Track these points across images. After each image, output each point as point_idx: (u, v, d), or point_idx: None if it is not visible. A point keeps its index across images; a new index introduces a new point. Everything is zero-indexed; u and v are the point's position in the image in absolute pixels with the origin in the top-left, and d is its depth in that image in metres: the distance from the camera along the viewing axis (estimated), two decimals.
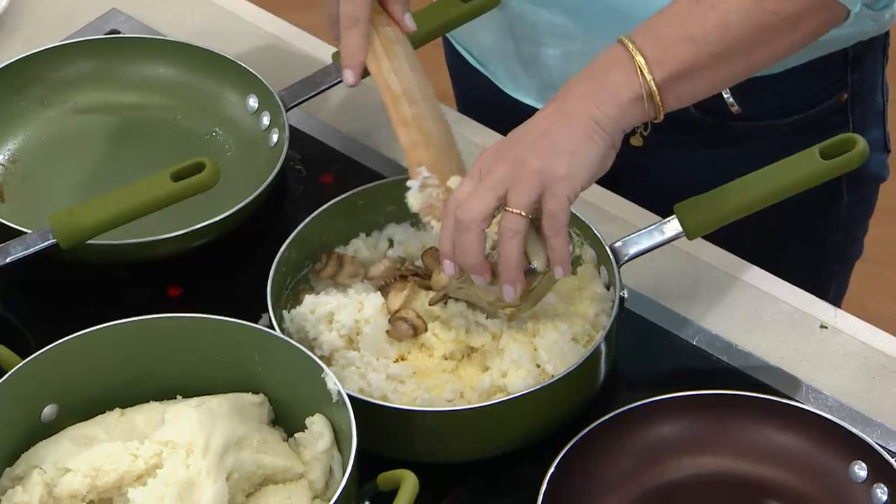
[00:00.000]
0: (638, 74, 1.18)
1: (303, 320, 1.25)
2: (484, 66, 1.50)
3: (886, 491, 1.17)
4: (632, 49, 1.19)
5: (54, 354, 1.18)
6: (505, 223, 1.16)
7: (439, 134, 1.28)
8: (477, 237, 1.16)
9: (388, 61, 1.28)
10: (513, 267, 1.16)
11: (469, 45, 1.51)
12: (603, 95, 1.18)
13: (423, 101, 1.28)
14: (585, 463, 1.20)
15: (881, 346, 1.30)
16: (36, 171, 1.41)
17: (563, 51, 1.41)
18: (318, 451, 1.17)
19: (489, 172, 1.17)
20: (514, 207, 1.15)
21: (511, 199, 1.16)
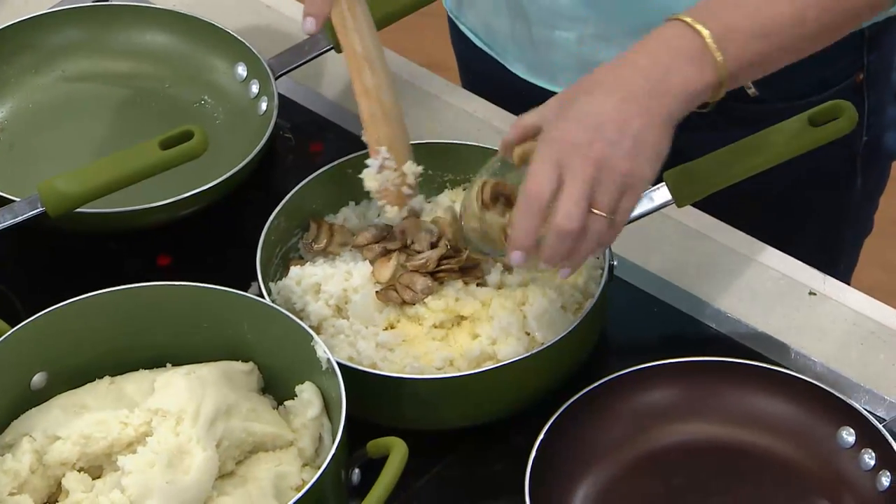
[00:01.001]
0: (714, 69, 1.15)
1: (289, 292, 1.25)
2: (491, 47, 1.48)
3: (874, 456, 1.18)
4: (710, 43, 1.15)
5: (43, 322, 1.18)
6: (592, 225, 1.13)
7: (396, 108, 1.28)
8: (574, 242, 1.14)
9: (353, 20, 1.28)
10: (580, 262, 1.15)
11: (476, 27, 1.49)
12: (677, 89, 1.15)
13: (382, 71, 1.28)
14: (575, 430, 1.20)
15: (869, 312, 1.30)
16: (24, 140, 1.41)
17: (577, 34, 1.40)
18: (307, 418, 1.17)
19: (573, 172, 1.12)
20: (602, 210, 1.13)
21: (598, 201, 1.13)
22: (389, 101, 1.28)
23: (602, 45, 1.39)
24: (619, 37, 1.37)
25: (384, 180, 1.26)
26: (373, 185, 1.26)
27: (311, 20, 1.27)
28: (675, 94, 1.15)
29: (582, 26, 1.39)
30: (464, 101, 1.46)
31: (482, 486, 1.22)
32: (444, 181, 1.35)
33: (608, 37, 1.38)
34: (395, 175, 1.27)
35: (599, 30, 1.38)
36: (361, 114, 1.28)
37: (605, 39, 1.39)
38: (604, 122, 1.13)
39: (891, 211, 1.85)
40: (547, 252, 1.14)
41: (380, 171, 1.27)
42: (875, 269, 2.08)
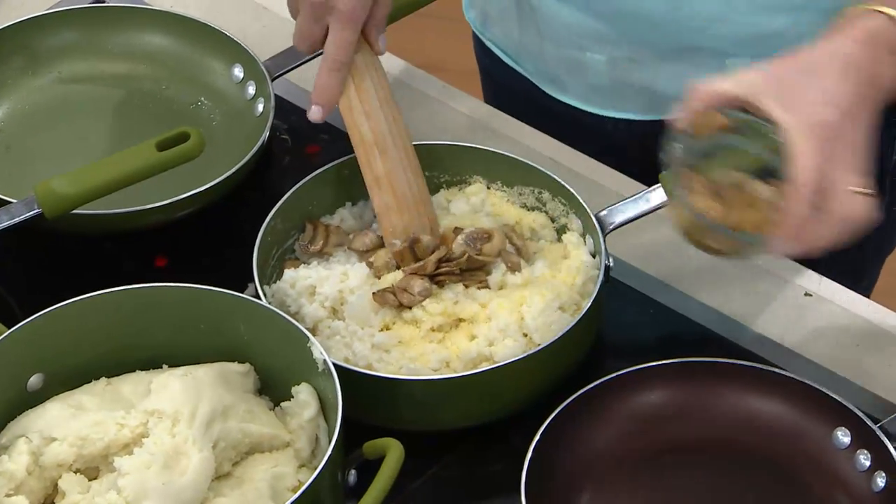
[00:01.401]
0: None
1: (284, 295, 1.25)
2: (518, 63, 1.47)
3: (869, 457, 1.18)
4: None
5: (40, 324, 1.18)
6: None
7: (413, 190, 1.27)
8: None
9: (360, 103, 1.27)
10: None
11: (502, 43, 1.48)
12: (887, 82, 1.13)
13: (395, 148, 1.27)
14: (571, 431, 1.20)
15: (865, 313, 1.31)
16: (21, 141, 1.41)
17: (607, 56, 1.39)
18: (304, 419, 1.18)
19: (839, 158, 1.10)
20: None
21: None
22: (404, 185, 1.27)
23: (634, 66, 1.38)
24: (650, 60, 1.37)
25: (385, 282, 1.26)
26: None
27: (319, 110, 1.27)
28: (885, 88, 1.13)
29: (612, 49, 1.38)
30: (460, 102, 1.47)
31: (479, 486, 1.22)
32: (440, 182, 1.35)
33: (639, 59, 1.38)
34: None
35: (630, 52, 1.38)
36: (374, 205, 1.28)
37: (637, 62, 1.38)
38: (845, 106, 1.10)
39: None
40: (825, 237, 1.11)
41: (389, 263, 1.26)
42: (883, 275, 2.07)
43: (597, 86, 1.42)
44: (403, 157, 1.28)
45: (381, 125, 1.27)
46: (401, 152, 1.28)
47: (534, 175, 1.32)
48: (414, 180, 1.28)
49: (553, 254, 1.30)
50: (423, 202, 1.28)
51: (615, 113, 1.42)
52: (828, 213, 1.11)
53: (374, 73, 1.28)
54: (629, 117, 1.41)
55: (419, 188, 1.28)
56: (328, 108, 1.27)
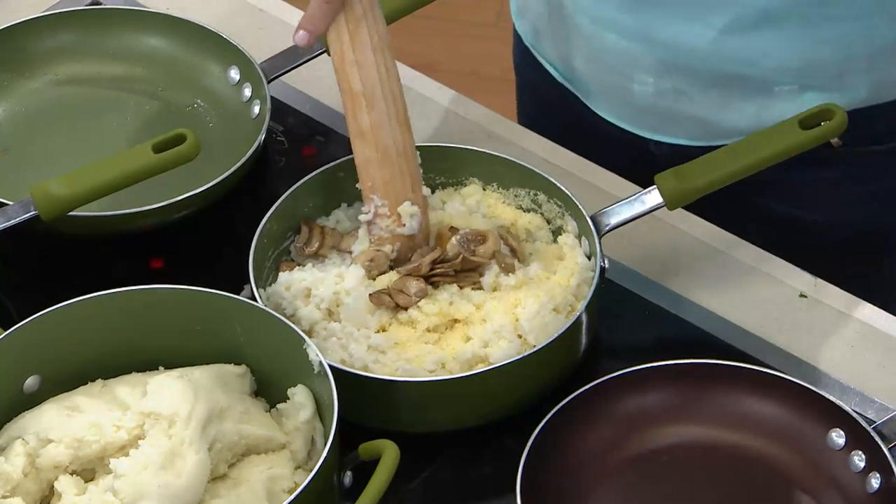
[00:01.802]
0: None
1: (279, 298, 1.25)
2: (571, 82, 1.46)
3: (864, 458, 1.18)
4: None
5: (36, 326, 1.19)
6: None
7: (398, 144, 1.26)
8: None
9: (353, 51, 1.24)
10: None
11: (554, 60, 1.47)
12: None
13: (384, 100, 1.25)
14: (566, 432, 1.20)
15: (859, 315, 1.31)
16: (17, 143, 1.41)
17: (654, 88, 1.38)
18: (300, 421, 1.18)
19: None
20: None
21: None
22: (390, 140, 1.25)
23: (681, 96, 1.38)
24: (698, 93, 1.37)
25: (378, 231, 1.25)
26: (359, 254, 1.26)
27: (304, 35, 1.25)
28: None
29: (658, 78, 1.38)
30: (455, 104, 1.47)
31: (474, 488, 1.23)
32: (436, 183, 1.35)
33: (686, 91, 1.37)
34: (389, 221, 1.26)
35: (676, 83, 1.37)
36: (355, 158, 1.26)
37: (684, 94, 1.37)
38: None
39: None
40: None
41: (373, 222, 1.26)
42: None
43: (644, 109, 1.41)
44: (392, 110, 1.25)
45: (372, 75, 1.24)
46: (389, 105, 1.25)
47: (529, 177, 1.33)
48: (400, 135, 1.25)
49: (548, 255, 1.30)
50: (406, 158, 1.26)
51: (663, 137, 1.41)
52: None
53: (370, 20, 1.25)
54: (677, 143, 1.41)
55: (404, 143, 1.26)
56: (314, 36, 1.24)
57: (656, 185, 1.27)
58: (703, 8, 1.31)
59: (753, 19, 1.31)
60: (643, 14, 1.34)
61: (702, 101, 1.36)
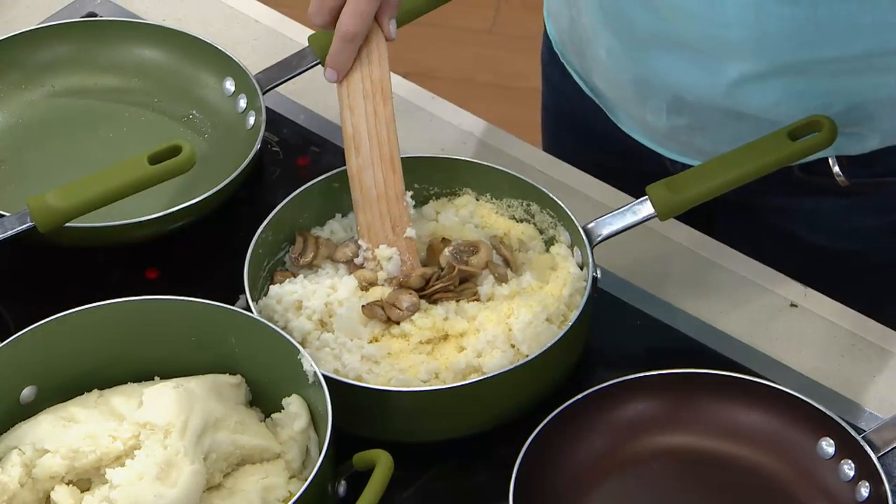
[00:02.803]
0: None
1: (271, 311, 1.26)
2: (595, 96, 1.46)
3: (853, 467, 1.19)
4: None
5: (33, 336, 1.20)
6: None
7: (380, 187, 1.28)
8: None
9: (347, 96, 1.28)
10: None
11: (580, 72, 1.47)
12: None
13: (370, 145, 1.28)
14: (559, 441, 1.21)
15: (849, 324, 1.32)
16: (14, 155, 1.42)
17: (668, 123, 1.38)
18: (294, 431, 1.19)
19: None
20: None
21: None
22: (370, 182, 1.28)
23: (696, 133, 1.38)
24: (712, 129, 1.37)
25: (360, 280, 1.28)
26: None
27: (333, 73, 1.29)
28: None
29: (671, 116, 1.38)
30: (450, 114, 1.48)
31: (467, 497, 1.23)
32: (429, 194, 1.36)
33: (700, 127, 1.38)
34: (373, 264, 1.28)
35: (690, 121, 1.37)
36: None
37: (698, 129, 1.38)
38: None
39: None
40: None
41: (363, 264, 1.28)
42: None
43: (662, 134, 1.41)
44: (377, 153, 1.28)
45: (361, 121, 1.28)
46: (374, 148, 1.28)
47: (522, 187, 1.34)
48: (382, 177, 1.28)
49: (541, 265, 1.31)
50: (388, 200, 1.28)
51: (679, 158, 1.42)
52: None
53: (366, 64, 1.29)
54: (692, 163, 1.41)
55: (387, 186, 1.28)
56: (342, 74, 1.29)
57: (648, 195, 1.28)
58: (715, 60, 1.31)
59: (766, 73, 1.30)
60: (654, 61, 1.34)
61: (716, 136, 1.37)
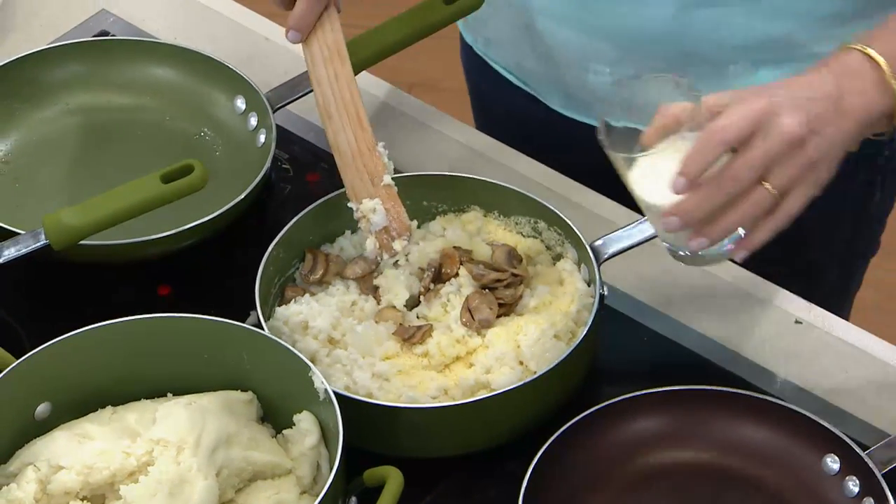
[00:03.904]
0: (891, 97, 1.16)
1: (278, 332, 1.27)
2: (528, 84, 1.49)
3: (858, 483, 1.20)
4: (885, 68, 1.16)
5: (48, 354, 1.21)
6: (753, 196, 1.13)
7: (352, 146, 1.30)
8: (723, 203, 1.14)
9: (312, 66, 1.31)
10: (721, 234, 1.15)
11: (508, 65, 1.51)
12: (859, 112, 1.16)
13: (338, 109, 1.30)
14: (567, 457, 1.22)
15: (854, 340, 1.33)
16: (28, 172, 1.43)
17: (612, 76, 1.41)
18: (305, 447, 1.20)
19: (767, 136, 1.11)
20: (774, 188, 1.13)
21: (773, 176, 1.13)
22: (344, 144, 1.30)
23: (640, 85, 1.40)
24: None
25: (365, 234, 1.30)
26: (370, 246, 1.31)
27: (295, 34, 1.30)
28: (856, 118, 1.16)
29: (616, 67, 1.40)
30: (455, 130, 1.48)
31: None
32: (437, 211, 1.37)
33: (647, 78, 1.39)
34: (364, 222, 1.30)
35: (634, 69, 1.40)
36: None
37: (644, 80, 1.40)
38: (807, 112, 1.13)
39: None
40: (697, 197, 1.12)
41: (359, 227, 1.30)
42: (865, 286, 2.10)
43: (601, 99, 1.42)
44: (345, 115, 1.31)
45: (326, 89, 1.31)
46: (342, 111, 1.31)
47: (530, 205, 1.35)
48: (354, 135, 1.31)
49: (549, 280, 1.32)
50: (362, 156, 1.31)
51: (624, 124, 1.44)
52: (713, 177, 1.12)
53: (321, 33, 1.31)
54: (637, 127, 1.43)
55: (359, 143, 1.31)
56: (305, 34, 1.30)
57: None
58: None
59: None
60: (599, 4, 1.36)
61: None
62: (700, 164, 1.12)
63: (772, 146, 1.12)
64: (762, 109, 1.12)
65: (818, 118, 1.14)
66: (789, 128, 1.12)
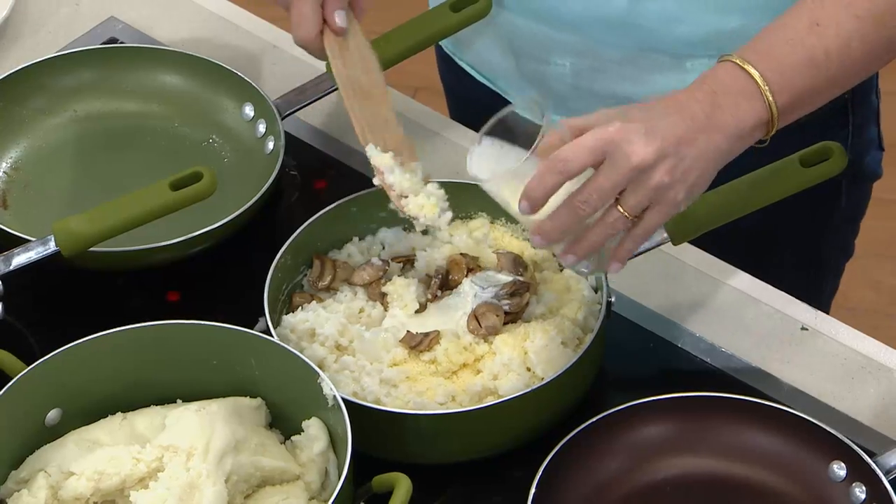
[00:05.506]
0: (765, 106, 1.18)
1: (285, 340, 1.28)
2: (493, 82, 1.51)
3: (864, 490, 1.20)
4: (758, 79, 1.18)
5: (58, 361, 1.21)
6: (608, 218, 1.16)
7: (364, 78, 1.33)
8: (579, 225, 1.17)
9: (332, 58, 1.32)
10: (585, 251, 1.18)
11: (474, 62, 1.52)
12: (729, 126, 1.17)
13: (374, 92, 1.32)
14: (574, 463, 1.23)
15: (860, 347, 1.33)
16: (38, 179, 1.44)
17: (570, 67, 1.42)
18: (314, 453, 1.20)
19: (613, 164, 1.14)
20: (625, 211, 1.16)
21: (625, 201, 1.16)
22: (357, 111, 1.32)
23: (596, 73, 1.41)
24: (612, 65, 1.40)
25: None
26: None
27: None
28: (727, 132, 1.17)
29: (574, 57, 1.41)
30: (462, 136, 1.49)
31: None
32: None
33: (601, 66, 1.41)
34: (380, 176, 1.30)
35: (592, 59, 1.41)
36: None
37: (599, 69, 1.41)
38: (661, 135, 1.15)
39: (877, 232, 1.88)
40: (552, 220, 1.16)
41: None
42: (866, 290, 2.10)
43: (562, 95, 1.44)
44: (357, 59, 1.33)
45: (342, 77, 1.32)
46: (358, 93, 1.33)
47: None
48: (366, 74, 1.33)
49: (556, 286, 1.33)
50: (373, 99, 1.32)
51: None
52: (567, 200, 1.15)
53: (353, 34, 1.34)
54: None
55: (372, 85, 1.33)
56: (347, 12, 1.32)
57: None
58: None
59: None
60: None
61: (616, 76, 1.39)
62: (540, 191, 1.16)
63: (618, 174, 1.15)
64: (608, 139, 1.15)
65: (676, 140, 1.15)
66: (636, 156, 1.14)
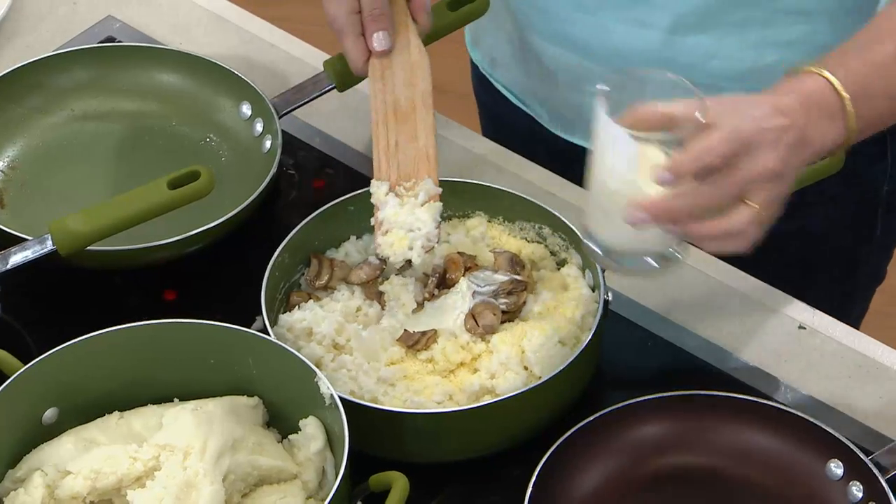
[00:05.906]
0: (846, 131, 1.17)
1: (282, 339, 1.28)
2: (528, 105, 1.51)
3: (861, 488, 1.21)
4: (849, 107, 1.16)
5: (55, 359, 1.21)
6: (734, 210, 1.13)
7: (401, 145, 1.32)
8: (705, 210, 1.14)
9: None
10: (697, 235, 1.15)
11: (511, 86, 1.52)
12: (816, 144, 1.16)
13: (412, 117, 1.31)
14: (572, 462, 1.23)
15: (857, 346, 1.33)
16: (35, 178, 1.44)
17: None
18: (311, 452, 1.20)
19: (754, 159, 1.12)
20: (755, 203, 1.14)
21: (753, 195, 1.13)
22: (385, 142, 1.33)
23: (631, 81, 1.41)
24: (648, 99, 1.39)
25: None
26: None
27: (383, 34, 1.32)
28: (815, 150, 1.16)
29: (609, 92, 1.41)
30: (461, 136, 1.49)
31: None
32: (441, 217, 1.37)
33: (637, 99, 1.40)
34: None
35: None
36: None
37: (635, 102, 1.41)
38: (785, 139, 1.13)
39: None
40: (678, 199, 1.12)
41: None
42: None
43: None
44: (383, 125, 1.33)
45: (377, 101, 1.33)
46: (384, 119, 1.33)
47: (534, 211, 1.35)
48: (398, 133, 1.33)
49: (553, 285, 1.33)
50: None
51: None
52: (699, 187, 1.12)
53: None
54: None
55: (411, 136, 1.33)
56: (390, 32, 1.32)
57: None
58: (646, 8, 1.35)
59: (696, 18, 1.33)
60: (588, 23, 1.37)
61: None
62: (688, 167, 1.13)
63: (751, 172, 1.13)
64: (752, 135, 1.12)
65: (789, 151, 1.14)
66: (771, 163, 1.13)
